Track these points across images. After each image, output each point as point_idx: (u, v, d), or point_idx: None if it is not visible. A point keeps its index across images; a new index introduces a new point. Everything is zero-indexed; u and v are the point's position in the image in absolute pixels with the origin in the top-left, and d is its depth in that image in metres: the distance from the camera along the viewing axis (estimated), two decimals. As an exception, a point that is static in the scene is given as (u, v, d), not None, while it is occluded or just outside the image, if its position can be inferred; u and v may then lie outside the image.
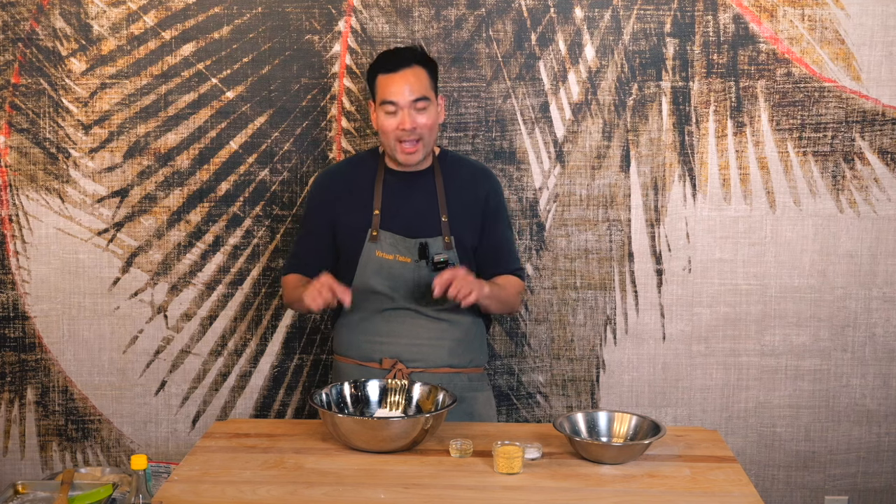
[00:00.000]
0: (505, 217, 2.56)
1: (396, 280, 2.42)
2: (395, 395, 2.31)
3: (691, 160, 2.90)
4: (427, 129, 2.38)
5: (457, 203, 2.46)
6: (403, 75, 2.36)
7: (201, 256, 2.96)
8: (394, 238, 2.43)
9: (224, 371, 3.01)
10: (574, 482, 1.98)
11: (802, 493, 3.04)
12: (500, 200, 2.54)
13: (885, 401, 3.00)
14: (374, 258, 2.43)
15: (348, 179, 2.51)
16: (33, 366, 3.00)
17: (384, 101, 2.37)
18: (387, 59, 2.41)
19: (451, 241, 2.43)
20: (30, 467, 3.05)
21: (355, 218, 2.46)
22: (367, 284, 2.44)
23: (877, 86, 2.86)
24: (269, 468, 2.05)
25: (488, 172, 2.57)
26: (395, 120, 2.37)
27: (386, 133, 2.39)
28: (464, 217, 2.46)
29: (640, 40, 2.86)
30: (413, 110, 2.36)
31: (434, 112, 2.40)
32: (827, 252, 2.93)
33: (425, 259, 2.41)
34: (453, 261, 2.42)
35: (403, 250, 2.42)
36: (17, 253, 2.96)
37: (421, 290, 2.42)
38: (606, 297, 2.96)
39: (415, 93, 2.36)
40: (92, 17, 2.87)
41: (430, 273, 2.40)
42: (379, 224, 2.43)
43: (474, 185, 2.50)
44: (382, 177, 2.48)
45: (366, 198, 2.46)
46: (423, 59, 2.42)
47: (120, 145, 2.92)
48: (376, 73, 2.41)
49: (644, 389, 3.00)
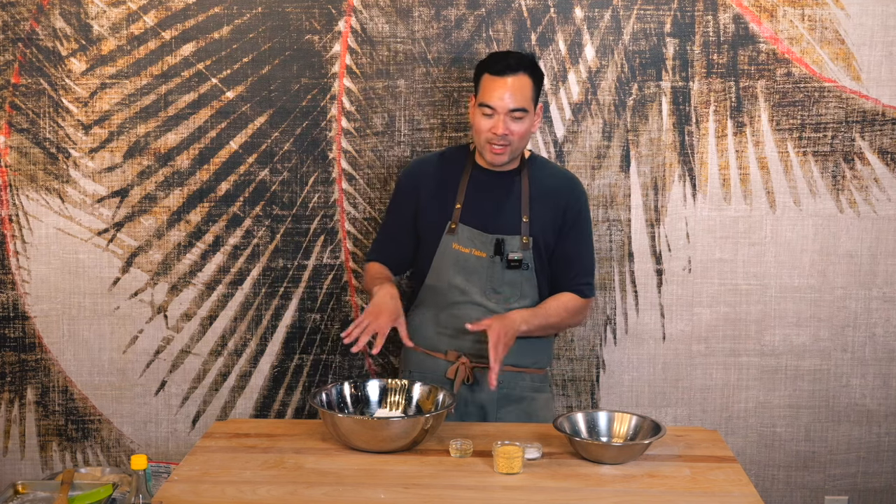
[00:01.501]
0: (585, 229, 2.54)
1: (471, 274, 2.46)
2: (395, 395, 2.31)
3: (691, 160, 2.90)
4: (519, 137, 2.39)
5: (539, 206, 2.47)
6: (508, 81, 2.36)
7: (201, 256, 2.96)
8: (472, 232, 2.46)
9: (224, 371, 3.01)
10: (574, 482, 1.98)
11: (802, 493, 3.04)
12: (583, 211, 2.53)
13: (885, 401, 3.00)
14: (451, 250, 2.47)
15: (437, 171, 2.54)
16: (33, 366, 3.00)
17: (484, 103, 2.38)
18: (497, 60, 2.40)
19: (528, 241, 2.45)
20: (30, 467, 3.05)
21: (437, 209, 2.49)
22: (442, 276, 2.48)
23: (877, 86, 2.86)
24: (269, 468, 2.05)
25: (576, 181, 2.57)
26: (489, 122, 2.38)
27: (479, 132, 2.41)
28: (544, 221, 2.47)
29: (640, 40, 2.86)
30: (509, 118, 2.37)
31: (529, 122, 2.41)
32: (827, 252, 2.93)
33: (500, 255, 2.44)
34: (527, 261, 2.45)
35: (480, 245, 2.45)
36: (17, 253, 2.96)
37: (493, 286, 2.45)
38: (606, 297, 2.96)
39: (515, 102, 2.36)
40: (92, 17, 2.86)
41: (504, 270, 2.44)
42: (459, 217, 2.47)
43: (559, 192, 2.50)
44: (469, 172, 2.50)
45: (450, 191, 2.50)
46: (531, 68, 2.41)
47: (120, 145, 2.92)
48: (483, 71, 2.41)
49: (644, 389, 3.00)
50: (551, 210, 2.48)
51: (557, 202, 2.49)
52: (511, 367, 2.46)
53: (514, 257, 2.44)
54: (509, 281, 2.46)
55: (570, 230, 2.50)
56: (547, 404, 2.57)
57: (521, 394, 2.50)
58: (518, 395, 2.50)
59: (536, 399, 2.53)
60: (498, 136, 2.37)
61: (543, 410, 2.54)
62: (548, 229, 2.48)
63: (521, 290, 2.47)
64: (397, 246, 2.59)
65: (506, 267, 2.44)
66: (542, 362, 2.56)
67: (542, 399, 2.55)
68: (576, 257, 2.52)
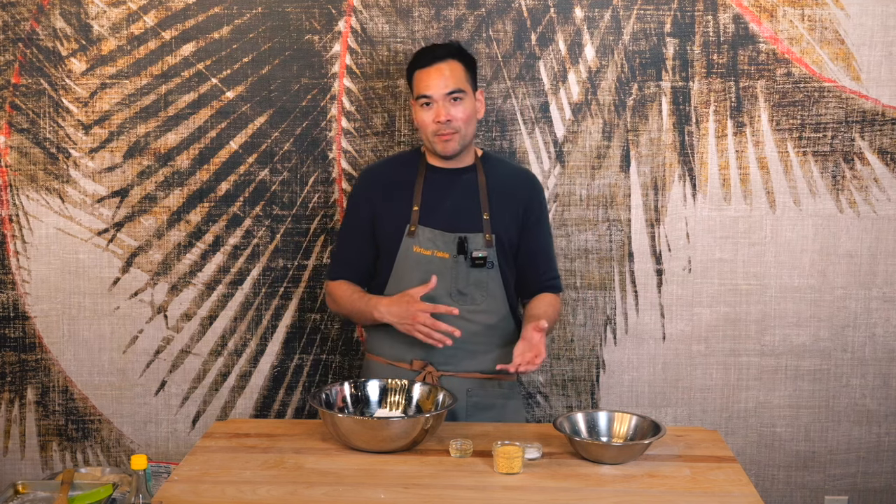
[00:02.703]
0: (546, 224, 2.54)
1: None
2: (395, 395, 2.31)
3: (691, 160, 2.90)
4: (463, 121, 2.38)
5: (499, 202, 2.45)
6: (438, 69, 2.37)
7: (201, 256, 2.96)
8: (433, 233, 2.41)
9: (224, 371, 3.01)
10: (574, 482, 1.98)
11: (802, 493, 3.04)
12: (543, 206, 2.52)
13: (885, 401, 3.00)
14: (412, 254, 2.41)
15: (390, 176, 2.51)
16: (33, 366, 3.00)
17: (419, 95, 2.38)
18: (422, 54, 2.42)
19: (492, 238, 2.42)
20: (30, 467, 3.05)
21: (395, 214, 2.45)
22: (403, 282, 2.42)
23: (877, 86, 2.86)
24: (269, 468, 2.05)
25: (532, 176, 2.56)
26: (431, 113, 2.38)
27: (424, 127, 2.40)
28: (505, 217, 2.44)
29: (640, 40, 2.86)
30: (448, 103, 2.36)
31: (471, 105, 2.40)
32: (827, 252, 2.93)
33: (464, 254, 2.40)
34: (492, 258, 2.41)
35: (442, 245, 2.40)
36: (17, 253, 2.96)
37: (458, 288, 2.41)
38: (606, 297, 2.96)
39: (449, 86, 2.36)
40: (92, 17, 2.87)
41: (469, 270, 2.39)
42: (418, 220, 2.42)
43: (517, 187, 2.49)
44: (424, 173, 2.47)
45: (406, 194, 2.46)
46: (459, 53, 2.42)
47: (120, 145, 2.92)
48: (413, 69, 2.42)
49: (644, 389, 3.00)
50: (511, 206, 2.45)
51: (517, 199, 2.47)
52: (479, 374, 2.43)
53: (478, 255, 2.39)
54: (475, 281, 2.41)
55: (533, 227, 2.48)
56: (517, 411, 2.53)
57: (492, 401, 2.45)
58: (488, 403, 2.45)
59: (506, 406, 2.49)
60: (442, 124, 2.36)
61: (513, 417, 2.50)
62: (510, 226, 2.45)
63: (487, 289, 2.42)
64: (360, 258, 2.51)
65: (470, 266, 2.39)
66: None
67: (512, 406, 2.51)
68: (542, 254, 2.50)
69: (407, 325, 2.31)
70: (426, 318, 2.28)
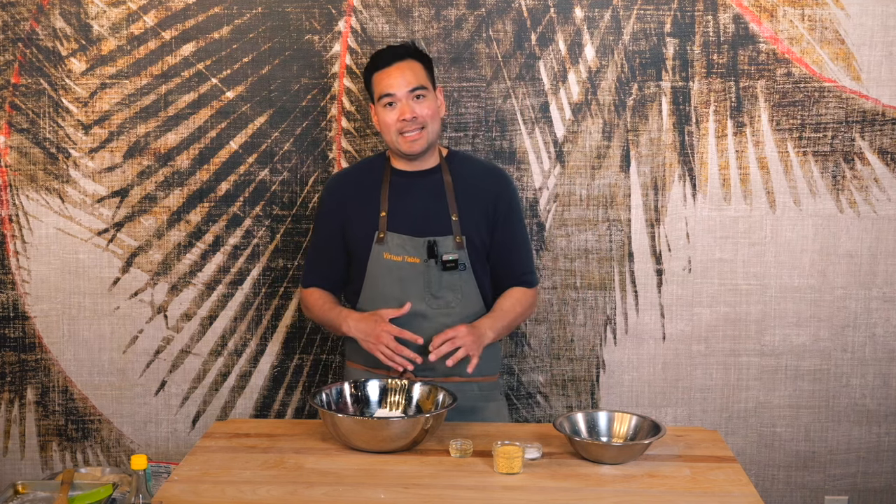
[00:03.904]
0: (519, 218, 2.50)
1: (406, 282, 2.39)
2: (395, 395, 2.31)
3: (691, 160, 2.90)
4: (428, 118, 2.37)
5: (466, 202, 2.42)
6: (398, 68, 2.37)
7: (201, 256, 2.96)
8: (401, 238, 2.39)
9: (224, 371, 3.01)
10: (574, 482, 1.98)
11: (802, 493, 3.04)
12: (513, 201, 2.48)
13: (885, 401, 3.00)
14: (383, 261, 2.40)
15: (357, 183, 2.49)
16: (33, 366, 3.00)
17: (382, 94, 2.37)
18: (379, 56, 2.42)
19: (462, 240, 2.40)
20: (30, 467, 3.05)
21: (364, 221, 2.43)
22: (376, 289, 2.41)
23: (877, 86, 2.86)
24: (269, 468, 2.05)
25: (500, 172, 2.53)
26: (394, 112, 2.36)
27: (388, 127, 2.38)
28: (474, 216, 2.42)
29: (640, 40, 2.86)
30: (411, 100, 2.36)
31: (433, 102, 2.39)
32: (827, 252, 2.93)
33: (434, 258, 2.38)
34: (464, 260, 2.39)
35: (412, 251, 2.39)
36: (17, 253, 2.96)
37: (431, 292, 2.39)
38: (606, 297, 2.96)
39: (412, 83, 2.36)
40: (92, 17, 2.87)
41: (440, 273, 2.38)
42: (386, 226, 2.40)
43: (485, 184, 2.46)
44: (389, 178, 2.45)
45: (373, 200, 2.44)
46: (416, 53, 2.42)
47: (120, 145, 2.92)
48: (371, 72, 2.42)
49: (644, 389, 3.00)
50: (480, 205, 2.43)
51: (486, 196, 2.44)
52: (457, 377, 2.38)
53: (448, 258, 2.37)
54: (448, 284, 2.39)
55: (503, 224, 2.45)
56: (499, 412, 2.50)
57: (471, 404, 2.42)
58: (468, 406, 2.40)
59: (487, 408, 2.46)
60: (408, 122, 2.35)
61: (495, 418, 2.47)
62: (480, 226, 2.42)
63: (461, 292, 2.40)
64: (332, 265, 2.50)
65: (442, 269, 2.37)
66: (491, 369, 2.48)
67: (493, 407, 2.49)
68: (514, 250, 2.48)
69: (370, 344, 2.32)
70: (389, 341, 2.28)
